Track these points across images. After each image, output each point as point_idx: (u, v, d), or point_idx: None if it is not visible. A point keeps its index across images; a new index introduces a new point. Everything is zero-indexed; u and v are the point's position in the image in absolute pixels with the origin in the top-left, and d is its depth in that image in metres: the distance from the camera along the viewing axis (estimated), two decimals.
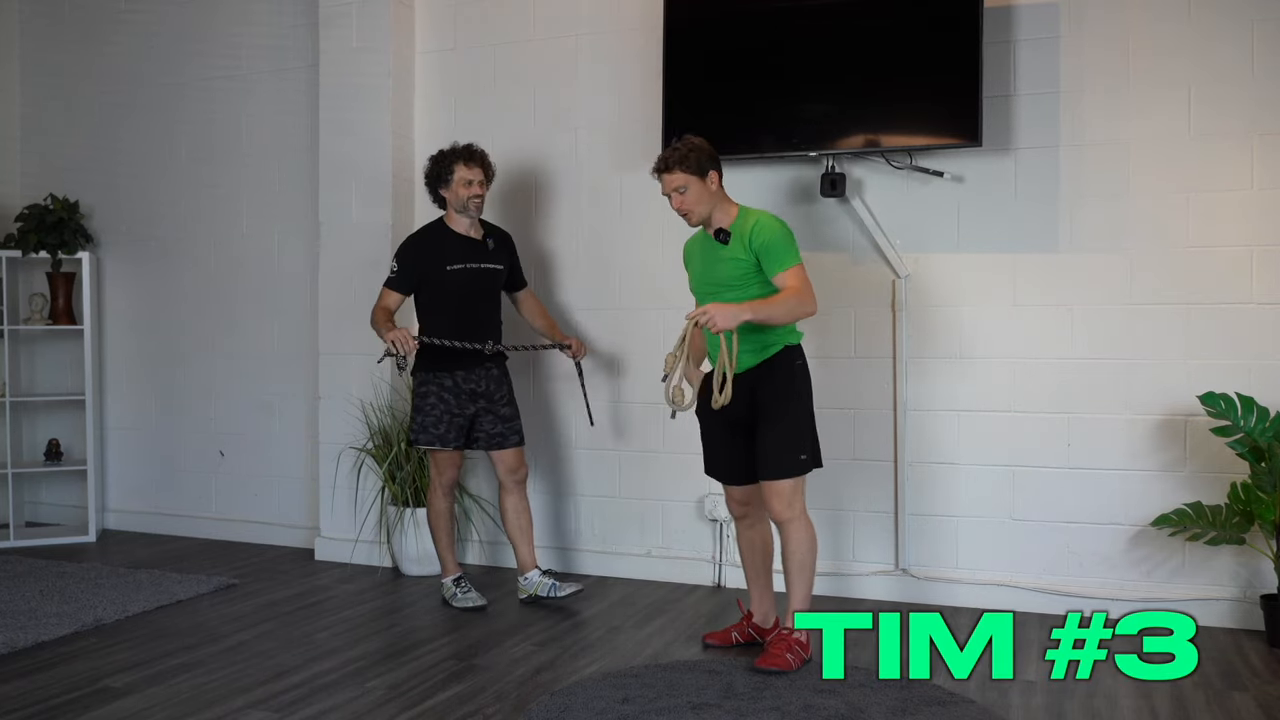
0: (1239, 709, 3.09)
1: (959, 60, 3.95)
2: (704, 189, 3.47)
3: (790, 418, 3.44)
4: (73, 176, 5.75)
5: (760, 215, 3.47)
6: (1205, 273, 3.91)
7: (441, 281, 4.13)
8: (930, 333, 4.24)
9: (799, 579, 3.44)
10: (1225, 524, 3.72)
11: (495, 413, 4.19)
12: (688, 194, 3.46)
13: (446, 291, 4.14)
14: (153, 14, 5.63)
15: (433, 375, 4.14)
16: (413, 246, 4.20)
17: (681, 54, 4.36)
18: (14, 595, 4.29)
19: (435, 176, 4.19)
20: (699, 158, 3.45)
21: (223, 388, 5.51)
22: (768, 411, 3.44)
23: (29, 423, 5.83)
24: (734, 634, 3.69)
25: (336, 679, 3.34)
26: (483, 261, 4.21)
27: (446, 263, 4.13)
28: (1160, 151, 3.96)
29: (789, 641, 3.40)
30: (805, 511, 3.47)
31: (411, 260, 4.15)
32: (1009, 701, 3.13)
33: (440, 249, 4.16)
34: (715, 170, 3.48)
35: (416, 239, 4.24)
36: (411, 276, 4.15)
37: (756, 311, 3.30)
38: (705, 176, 3.46)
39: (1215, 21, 3.89)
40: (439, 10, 5.00)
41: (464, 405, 4.14)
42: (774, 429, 3.43)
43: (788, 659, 3.35)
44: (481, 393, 4.17)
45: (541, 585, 4.18)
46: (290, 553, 5.17)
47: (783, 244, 3.39)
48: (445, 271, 4.12)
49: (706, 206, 3.48)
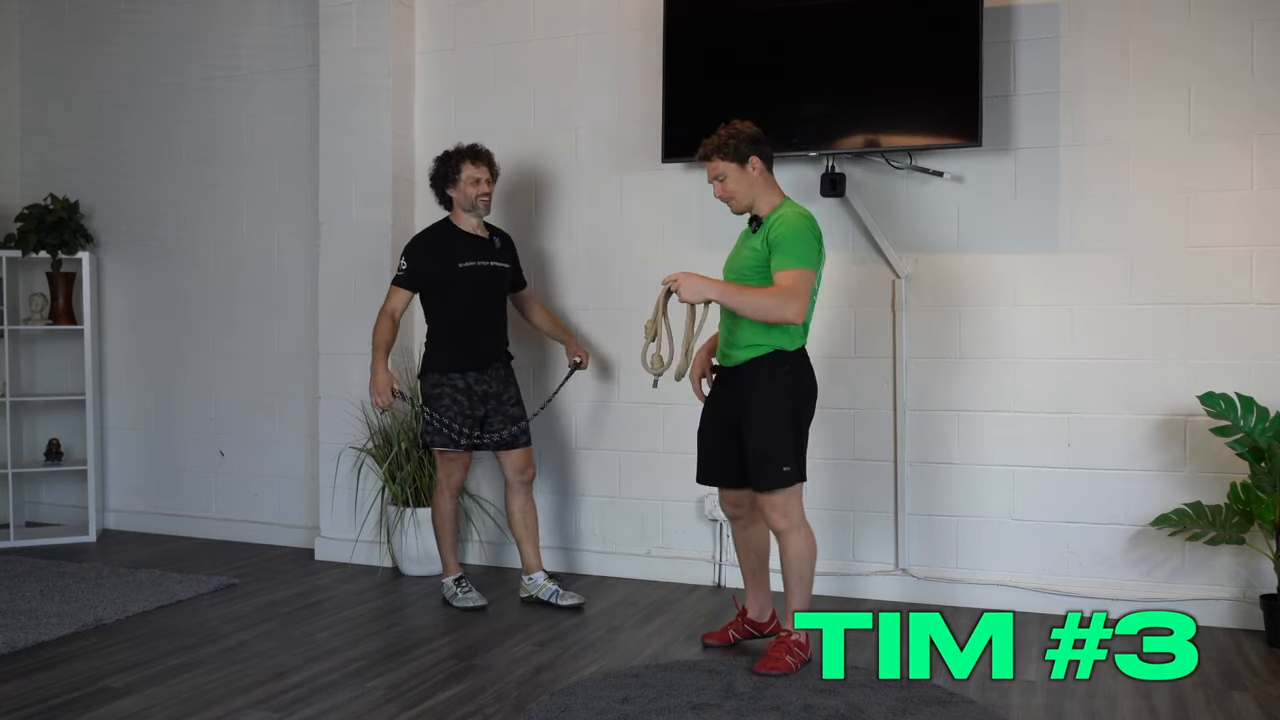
0: (1239, 709, 3.09)
1: (959, 60, 3.95)
2: (744, 176, 3.41)
3: (768, 428, 3.36)
4: (73, 176, 5.76)
5: (789, 209, 3.39)
6: (1205, 273, 3.91)
7: (454, 280, 4.13)
8: (930, 333, 4.24)
9: (798, 587, 3.42)
10: (1225, 524, 3.72)
11: (504, 413, 4.19)
12: (727, 182, 3.42)
13: (458, 290, 4.13)
14: (153, 14, 5.63)
15: (445, 376, 4.14)
16: (423, 244, 4.20)
17: (681, 54, 4.36)
18: (14, 595, 4.29)
19: (442, 176, 4.19)
20: (738, 144, 3.38)
21: (223, 388, 5.51)
22: (749, 419, 3.39)
23: (29, 423, 5.83)
24: (730, 632, 3.69)
25: (336, 679, 3.34)
26: (492, 260, 4.22)
27: (458, 260, 4.14)
28: (1160, 151, 3.96)
29: (788, 643, 3.39)
30: (803, 520, 3.43)
31: (422, 258, 4.15)
32: (1009, 701, 3.14)
33: (451, 247, 4.16)
34: (758, 156, 3.41)
35: (426, 237, 4.23)
36: (421, 274, 4.15)
37: (726, 295, 3.28)
38: (745, 163, 3.39)
39: (1215, 21, 3.89)
40: (439, 10, 5.00)
41: (475, 406, 4.14)
42: (753, 439, 3.37)
43: (787, 661, 3.34)
44: (492, 393, 4.18)
45: (544, 589, 4.18)
46: (290, 553, 5.17)
47: (794, 242, 3.29)
48: (458, 270, 4.12)
49: (747, 194, 3.43)
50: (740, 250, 3.49)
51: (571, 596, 4.18)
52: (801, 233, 3.30)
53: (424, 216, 4.97)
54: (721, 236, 4.51)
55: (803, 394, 3.45)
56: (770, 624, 3.69)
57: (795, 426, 3.41)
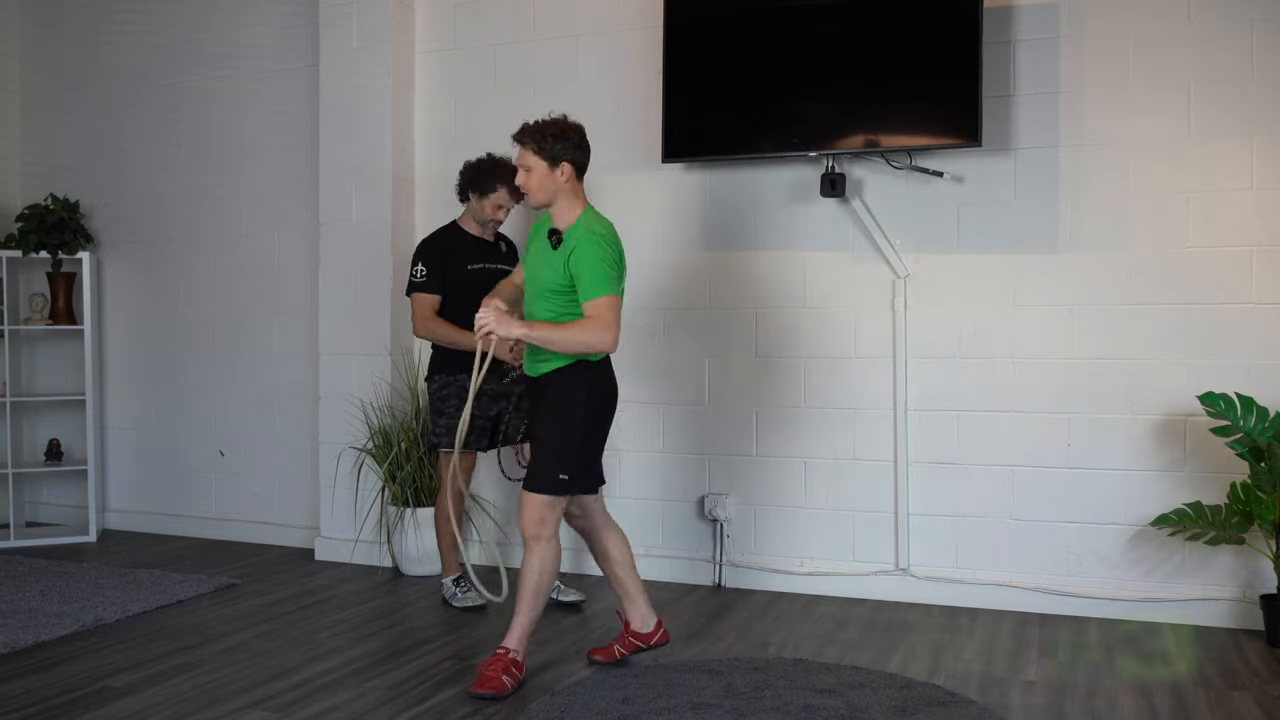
0: (1239, 709, 3.09)
1: (959, 60, 3.95)
2: (549, 179, 3.21)
3: (557, 432, 3.22)
4: (73, 176, 5.76)
5: (587, 234, 3.17)
6: (1205, 273, 3.91)
7: (460, 281, 4.16)
8: (930, 333, 4.24)
9: (531, 601, 3.23)
10: (1225, 524, 3.72)
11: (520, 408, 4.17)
12: (531, 177, 3.22)
13: (463, 291, 4.14)
14: (153, 14, 5.63)
15: (454, 378, 4.16)
16: (434, 248, 4.22)
17: (681, 54, 4.36)
18: (14, 595, 4.29)
19: (475, 182, 4.19)
20: (554, 144, 3.18)
21: (223, 387, 5.51)
22: (541, 423, 3.28)
23: (29, 423, 5.83)
24: (616, 648, 3.49)
25: (336, 679, 3.34)
26: (498, 263, 4.26)
27: (467, 262, 4.17)
28: (1160, 151, 3.96)
29: (505, 661, 3.20)
30: (556, 535, 3.26)
31: (436, 260, 4.18)
32: (1009, 702, 3.13)
33: (459, 249, 4.20)
34: (570, 164, 3.21)
35: (435, 240, 4.25)
36: (440, 275, 4.17)
37: (533, 334, 3.14)
38: (555, 166, 3.19)
39: (1215, 22, 3.89)
40: (439, 10, 5.00)
41: (486, 407, 4.13)
42: (541, 443, 3.26)
43: (503, 680, 3.16)
44: (502, 392, 4.17)
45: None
46: (290, 553, 5.17)
47: (595, 270, 3.11)
48: (465, 271, 4.16)
49: (548, 196, 3.24)
50: (543, 264, 3.26)
51: (572, 593, 4.18)
52: (600, 259, 3.13)
53: (424, 216, 4.98)
54: (722, 237, 4.53)
55: (603, 402, 3.30)
56: (655, 634, 3.47)
57: (588, 433, 3.27)
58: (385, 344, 4.89)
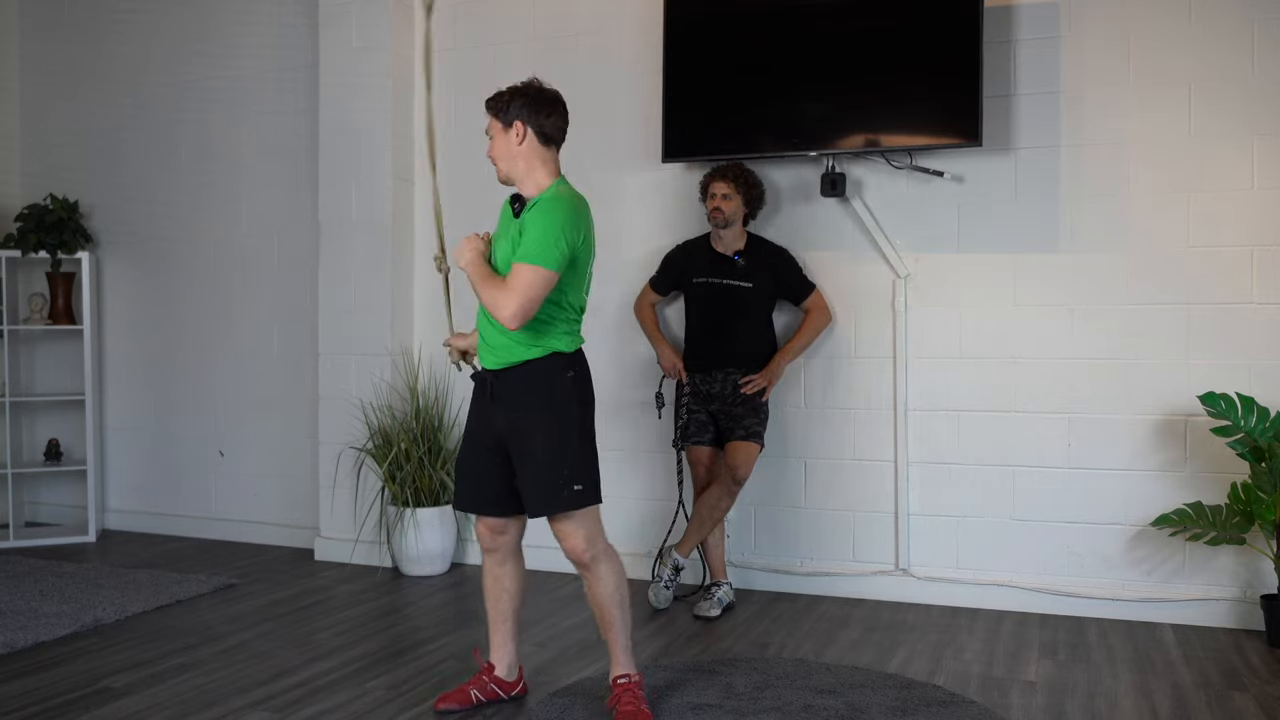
0: (1239, 709, 3.09)
1: (959, 60, 3.95)
2: (505, 142, 2.90)
3: (552, 441, 2.86)
4: (73, 176, 5.75)
5: (547, 197, 2.86)
6: (1205, 273, 3.91)
7: (690, 294, 4.30)
8: (930, 333, 4.24)
9: (621, 619, 2.95)
10: (1225, 524, 3.72)
11: (729, 410, 4.17)
12: (492, 145, 2.93)
13: (693, 306, 4.30)
14: (152, 14, 5.63)
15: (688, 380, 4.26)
16: (676, 252, 4.40)
17: (681, 54, 4.36)
18: (14, 595, 4.29)
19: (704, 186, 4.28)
20: (509, 103, 2.89)
21: (222, 388, 5.51)
22: (522, 432, 2.87)
23: (29, 423, 5.83)
24: (472, 692, 3.08)
25: (336, 679, 3.34)
26: (725, 278, 4.18)
27: (694, 275, 4.25)
28: (1160, 151, 3.96)
29: (634, 689, 2.95)
30: (608, 546, 2.97)
31: (669, 265, 4.38)
32: (1009, 701, 3.13)
33: (695, 260, 4.28)
34: (527, 124, 2.88)
35: (681, 246, 4.41)
36: (670, 281, 4.39)
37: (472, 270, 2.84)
38: (509, 127, 2.89)
39: (1215, 21, 3.90)
40: (439, 10, 4.99)
41: (705, 403, 4.21)
42: (535, 457, 2.86)
43: (645, 710, 2.92)
44: (714, 394, 4.19)
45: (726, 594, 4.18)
46: (290, 553, 5.17)
47: (540, 234, 2.77)
48: (692, 284, 4.27)
49: (509, 164, 2.91)
50: (504, 235, 2.93)
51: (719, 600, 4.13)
52: (550, 226, 2.77)
53: (422, 215, 4.97)
54: None
55: (588, 402, 2.98)
56: (518, 684, 3.15)
57: (585, 438, 2.93)
58: (385, 344, 4.89)
